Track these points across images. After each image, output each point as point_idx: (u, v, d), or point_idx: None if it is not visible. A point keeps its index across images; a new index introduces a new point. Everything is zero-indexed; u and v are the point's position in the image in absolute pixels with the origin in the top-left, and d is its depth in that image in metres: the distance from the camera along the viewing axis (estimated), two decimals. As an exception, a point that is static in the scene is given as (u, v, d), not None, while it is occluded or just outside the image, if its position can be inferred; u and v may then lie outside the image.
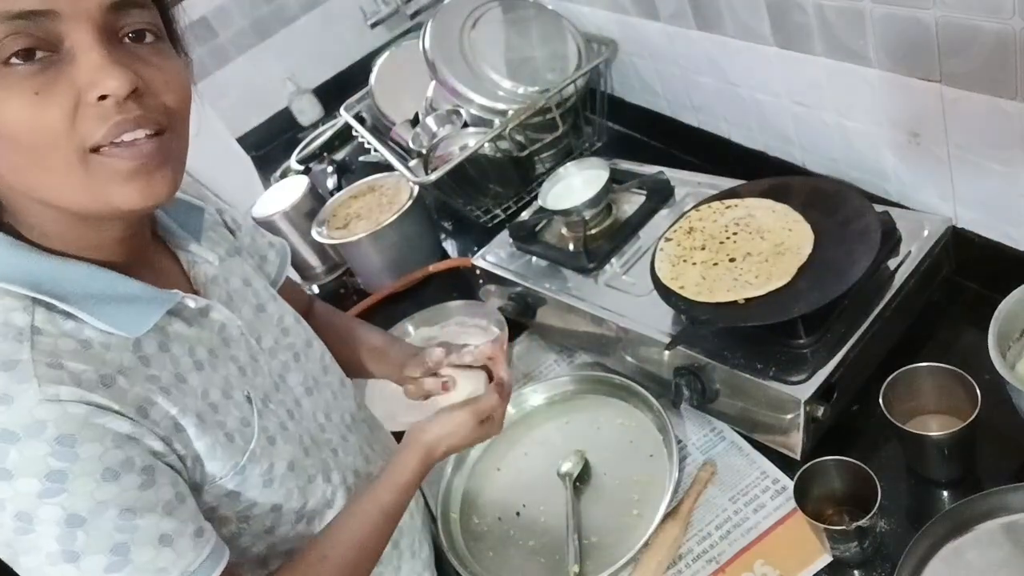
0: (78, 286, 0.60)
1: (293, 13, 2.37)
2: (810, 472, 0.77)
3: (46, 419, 0.54)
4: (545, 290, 1.13)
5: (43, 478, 0.54)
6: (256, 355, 0.75)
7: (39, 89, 0.53)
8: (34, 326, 0.57)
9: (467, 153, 1.34)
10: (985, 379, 0.74)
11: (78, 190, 0.57)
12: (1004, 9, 0.68)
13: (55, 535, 0.55)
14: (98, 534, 0.56)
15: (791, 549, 0.81)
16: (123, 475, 0.57)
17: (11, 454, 0.53)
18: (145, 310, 0.63)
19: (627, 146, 1.51)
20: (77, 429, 0.55)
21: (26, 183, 0.57)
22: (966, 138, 0.83)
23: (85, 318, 0.59)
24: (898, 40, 0.81)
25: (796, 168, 1.13)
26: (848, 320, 0.86)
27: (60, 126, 0.54)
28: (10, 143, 0.54)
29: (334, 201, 1.56)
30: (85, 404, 0.56)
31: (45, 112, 0.53)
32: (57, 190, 0.57)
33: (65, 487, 0.54)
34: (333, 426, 0.82)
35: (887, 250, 0.88)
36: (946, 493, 0.79)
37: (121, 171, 0.57)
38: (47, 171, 0.55)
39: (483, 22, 1.44)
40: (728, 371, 0.88)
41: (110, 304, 0.61)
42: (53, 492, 0.54)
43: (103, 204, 0.58)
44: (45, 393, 0.54)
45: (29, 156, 0.55)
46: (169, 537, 0.59)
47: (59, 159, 0.55)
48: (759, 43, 1.02)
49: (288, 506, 0.72)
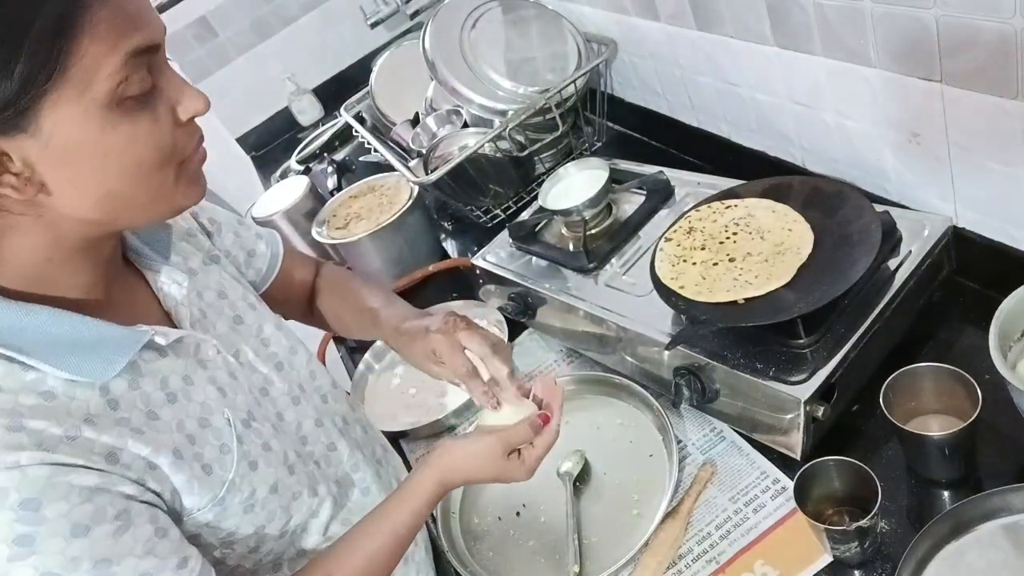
0: (40, 334, 0.59)
1: (293, 13, 2.37)
2: (810, 472, 0.77)
3: (8, 486, 0.54)
4: (545, 290, 1.13)
5: (11, 543, 0.54)
6: (235, 372, 0.74)
7: (155, 118, 0.58)
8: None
9: (467, 153, 1.34)
10: (986, 379, 0.74)
11: (167, 201, 0.62)
12: (1004, 8, 0.68)
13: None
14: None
15: (791, 549, 0.81)
16: (94, 527, 0.57)
17: None
18: (111, 355, 0.62)
19: (627, 146, 1.51)
20: (40, 492, 0.55)
21: (115, 206, 0.59)
22: (966, 138, 0.83)
23: (46, 370, 0.59)
24: (898, 40, 0.81)
25: (796, 168, 1.13)
26: (848, 320, 0.86)
27: (171, 146, 0.60)
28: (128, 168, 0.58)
29: (334, 201, 1.56)
30: (48, 465, 0.56)
31: (162, 136, 0.59)
32: (146, 205, 0.61)
33: (34, 549, 0.55)
34: (323, 432, 0.82)
35: (887, 250, 0.88)
36: (947, 493, 0.79)
37: (194, 173, 0.64)
38: (149, 189, 0.60)
39: (483, 22, 1.44)
40: (728, 371, 0.88)
41: (74, 352, 0.60)
42: (23, 555, 0.54)
43: (177, 208, 0.64)
44: (4, 461, 0.54)
45: (141, 178, 0.59)
46: (150, 575, 0.59)
47: (167, 173, 0.60)
48: (759, 43, 1.02)
49: (271, 525, 0.72)
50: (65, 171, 0.56)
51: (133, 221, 0.63)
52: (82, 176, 0.56)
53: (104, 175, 0.57)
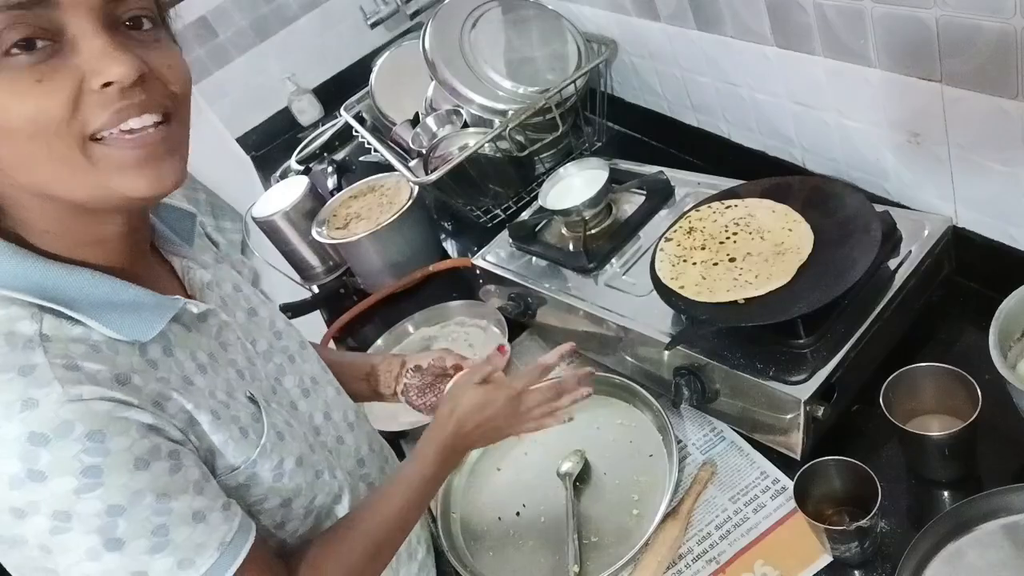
0: (82, 293, 0.60)
1: (293, 13, 2.37)
2: (810, 472, 0.77)
3: (73, 419, 0.55)
4: (545, 290, 1.13)
5: (79, 475, 0.55)
6: (252, 359, 0.75)
7: (41, 77, 0.53)
8: (42, 333, 0.57)
9: (467, 153, 1.34)
10: (986, 379, 0.74)
11: (80, 179, 0.56)
12: (1005, 8, 0.68)
13: (96, 527, 0.56)
14: (138, 520, 0.57)
15: (791, 549, 0.81)
16: (153, 462, 0.58)
17: (43, 456, 0.54)
18: (150, 317, 0.63)
19: (627, 146, 1.51)
20: (104, 424, 0.56)
21: (29, 177, 0.56)
22: (967, 138, 0.83)
23: (92, 324, 0.60)
24: (898, 40, 0.81)
25: (796, 168, 1.13)
26: (848, 320, 0.86)
27: (62, 113, 0.53)
28: (13, 134, 0.53)
29: (334, 201, 1.56)
30: (107, 400, 0.57)
31: (47, 100, 0.53)
32: (60, 181, 0.56)
33: (101, 480, 0.55)
34: (332, 425, 0.83)
35: (887, 250, 0.88)
36: (947, 493, 0.79)
37: (129, 160, 0.57)
38: (50, 161, 0.55)
39: (483, 22, 1.44)
40: (728, 371, 0.88)
41: (115, 311, 0.61)
42: (90, 487, 0.55)
43: (108, 193, 0.57)
44: (68, 394, 0.55)
45: (32, 147, 0.54)
46: (202, 513, 0.61)
47: (61, 147, 0.54)
48: (759, 43, 1.02)
49: (297, 501, 0.73)
50: None
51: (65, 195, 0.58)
52: None
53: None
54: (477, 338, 1.28)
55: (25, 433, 0.53)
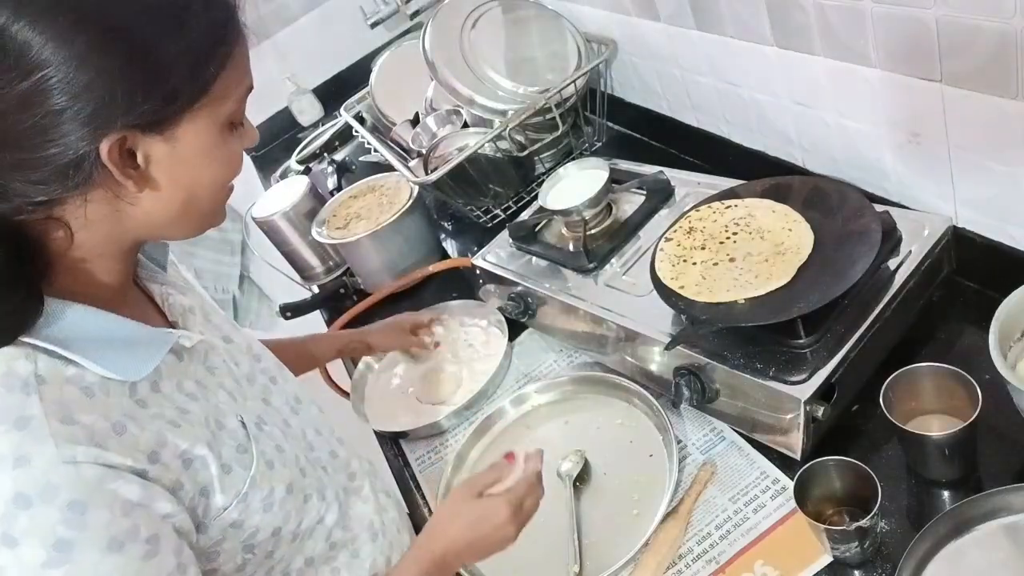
0: (77, 329, 0.60)
1: (293, 13, 2.37)
2: (810, 472, 0.77)
3: (59, 484, 0.54)
4: (545, 290, 1.13)
5: (50, 548, 0.54)
6: (239, 380, 0.75)
7: (239, 143, 0.67)
8: (38, 375, 0.57)
9: (467, 153, 1.34)
10: (985, 379, 0.74)
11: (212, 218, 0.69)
12: (1005, 9, 0.68)
13: None
14: None
15: (791, 549, 0.81)
16: (127, 545, 0.57)
17: (21, 520, 0.53)
18: (144, 353, 0.64)
19: (627, 146, 1.51)
20: (88, 495, 0.55)
21: (187, 213, 0.65)
22: (966, 138, 0.83)
23: (86, 364, 0.59)
24: (898, 40, 0.81)
25: (796, 168, 1.13)
26: (848, 320, 0.86)
27: (236, 171, 0.68)
28: (218, 179, 0.66)
29: (334, 201, 1.56)
30: (100, 465, 0.56)
31: (238, 161, 0.68)
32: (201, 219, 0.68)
33: (71, 557, 0.54)
34: (323, 440, 0.83)
35: (887, 250, 0.88)
36: (947, 493, 0.79)
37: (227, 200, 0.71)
38: (215, 202, 0.68)
39: (483, 22, 1.44)
40: (728, 371, 0.88)
41: (109, 348, 0.61)
42: (58, 562, 0.54)
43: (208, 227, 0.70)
44: (62, 455, 0.55)
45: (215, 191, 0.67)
46: None
47: (224, 195, 0.69)
48: (759, 43, 1.02)
49: (286, 528, 0.73)
50: (175, 171, 0.62)
51: (187, 229, 0.68)
52: (184, 178, 0.63)
53: (199, 181, 0.64)
54: (477, 338, 1.28)
55: (12, 492, 0.53)
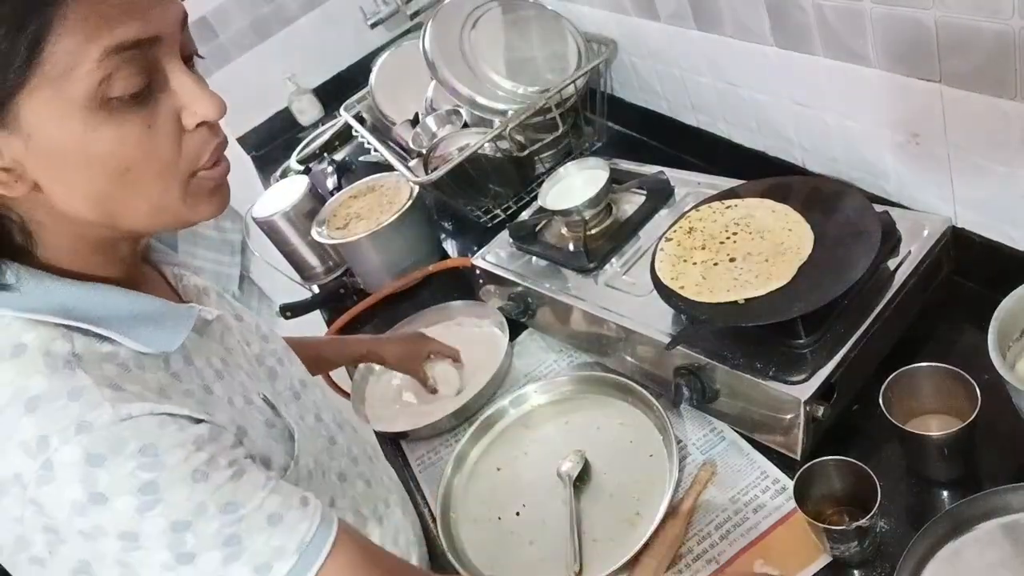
0: (106, 309, 0.59)
1: (293, 13, 2.37)
2: (810, 472, 0.77)
3: (127, 436, 0.54)
4: (545, 290, 1.13)
5: (137, 493, 0.54)
6: (251, 361, 0.76)
7: (150, 123, 0.54)
8: (75, 353, 0.56)
9: (467, 153, 1.34)
10: (985, 379, 0.74)
11: (171, 211, 0.59)
12: (1004, 9, 0.68)
13: (165, 544, 0.55)
14: (206, 532, 0.56)
15: (791, 549, 0.81)
16: (212, 473, 0.57)
17: (102, 477, 0.53)
18: (172, 327, 0.63)
19: (627, 146, 1.51)
20: (156, 439, 0.55)
21: (111, 210, 0.57)
22: (966, 138, 0.83)
23: (120, 340, 0.59)
24: (898, 40, 0.81)
25: (796, 168, 1.13)
26: (848, 320, 0.86)
27: (171, 156, 0.56)
28: (114, 174, 0.55)
29: (334, 201, 1.56)
30: (157, 415, 0.56)
31: (158, 143, 0.55)
32: (147, 214, 0.58)
33: (160, 497, 0.55)
34: (323, 426, 0.83)
35: (887, 250, 0.88)
36: (946, 493, 0.79)
37: (210, 190, 0.60)
38: (145, 196, 0.57)
39: (483, 22, 1.44)
40: (728, 371, 0.88)
41: (139, 324, 0.60)
42: (151, 504, 0.54)
43: (185, 221, 0.60)
44: (119, 413, 0.54)
45: (132, 185, 0.56)
46: (277, 515, 0.59)
47: (169, 183, 0.57)
48: (759, 43, 1.02)
49: None
50: (51, 171, 0.54)
51: (135, 227, 0.60)
52: (69, 177, 0.54)
53: (90, 178, 0.54)
54: (477, 338, 1.28)
55: (82, 455, 0.53)
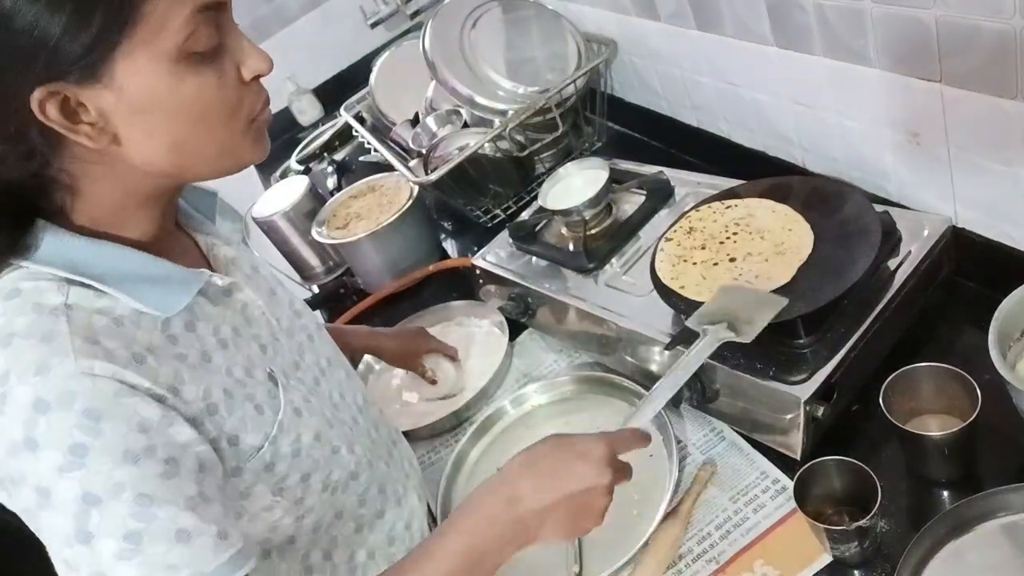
0: (111, 267, 0.62)
1: (293, 13, 2.37)
2: (810, 472, 0.77)
3: (76, 391, 0.55)
4: (545, 290, 1.13)
5: (65, 451, 0.55)
6: (276, 334, 0.77)
7: (220, 75, 0.61)
8: (67, 304, 0.59)
9: (467, 153, 1.34)
10: (985, 379, 0.74)
11: (234, 156, 0.65)
12: (1004, 9, 0.68)
13: (71, 512, 0.55)
14: (112, 517, 0.56)
15: (791, 549, 0.81)
16: (143, 460, 0.57)
17: (40, 424, 0.55)
18: (177, 290, 0.65)
19: (627, 146, 1.51)
20: (104, 405, 0.56)
21: (184, 156, 0.62)
22: (966, 138, 0.83)
23: (119, 296, 0.61)
24: (898, 40, 0.81)
25: (796, 168, 1.13)
26: (848, 320, 0.86)
27: (236, 104, 0.62)
28: (194, 120, 0.61)
29: (334, 201, 1.56)
30: (117, 381, 0.57)
31: (227, 93, 0.61)
32: (214, 158, 0.64)
33: (85, 462, 0.55)
34: (346, 405, 0.84)
35: (887, 250, 0.88)
36: (946, 493, 0.79)
37: (261, 133, 0.67)
38: (215, 142, 0.63)
39: (483, 22, 1.43)
40: (728, 371, 0.88)
41: (143, 284, 0.63)
42: (73, 466, 0.55)
43: (241, 163, 0.66)
44: (80, 366, 0.56)
45: (219, 131, 0.62)
46: (187, 533, 0.58)
47: (234, 128, 0.63)
48: (759, 43, 1.02)
49: (315, 476, 0.74)
50: (137, 121, 0.59)
51: (200, 173, 0.66)
52: (153, 126, 0.59)
53: (173, 126, 0.60)
54: (477, 338, 1.28)
55: (32, 397, 0.55)
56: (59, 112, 0.56)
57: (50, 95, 0.55)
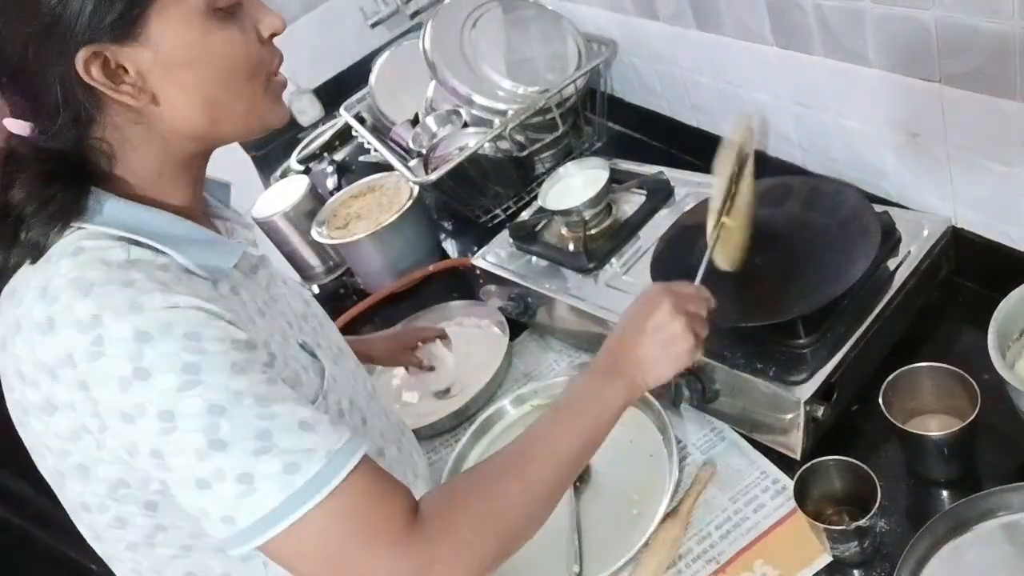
0: (164, 230, 0.65)
1: (293, 13, 2.36)
2: (810, 472, 0.78)
3: (172, 320, 0.58)
4: (545, 290, 1.13)
5: (179, 371, 0.57)
6: (296, 315, 0.80)
7: (242, 31, 0.65)
8: (131, 259, 0.61)
9: (467, 153, 1.34)
10: (985, 379, 0.74)
11: (260, 113, 0.68)
12: (1004, 9, 0.68)
13: (200, 427, 0.57)
14: (240, 421, 0.58)
15: (791, 549, 0.81)
16: (250, 371, 0.60)
17: (147, 354, 0.57)
18: (223, 252, 0.69)
19: (627, 146, 1.51)
20: (201, 328, 0.59)
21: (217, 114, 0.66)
22: (966, 138, 0.83)
23: (175, 256, 0.63)
24: (898, 40, 0.81)
25: (796, 168, 1.14)
26: (848, 320, 0.86)
27: (258, 59, 0.66)
28: (236, 75, 0.65)
29: (334, 201, 1.56)
30: (203, 311, 0.60)
31: (250, 48, 0.65)
32: (243, 116, 0.68)
33: (201, 378, 0.58)
34: (361, 389, 0.85)
35: (887, 250, 0.88)
36: (946, 493, 0.79)
37: (278, 94, 0.70)
38: (243, 99, 0.67)
39: (483, 22, 1.44)
40: (728, 371, 0.88)
41: (194, 246, 0.66)
42: (191, 384, 0.57)
43: (266, 125, 0.70)
44: (167, 300, 0.59)
45: (245, 86, 0.66)
46: (308, 423, 0.61)
47: (257, 85, 0.67)
48: (759, 43, 1.02)
49: None
50: (173, 77, 0.62)
51: (230, 132, 0.69)
52: (187, 81, 0.63)
53: (206, 80, 0.64)
54: (477, 338, 1.28)
55: (132, 332, 0.57)
56: (102, 72, 0.59)
57: (93, 55, 0.59)
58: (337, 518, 0.60)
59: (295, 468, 0.58)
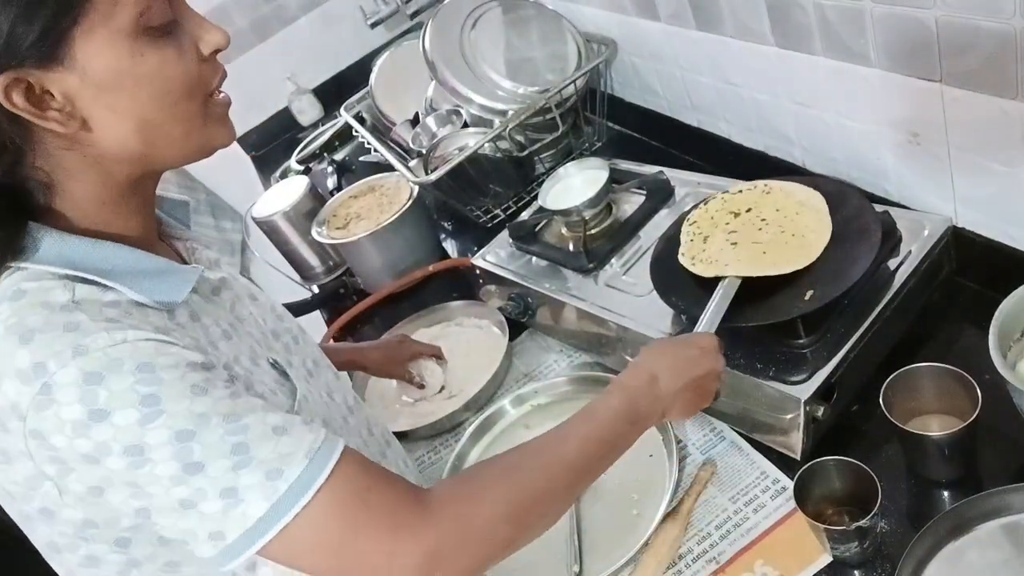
0: (109, 263, 0.62)
1: (293, 13, 2.37)
2: (810, 472, 0.77)
3: (120, 357, 0.56)
4: (545, 290, 1.13)
5: (138, 405, 0.55)
6: (265, 333, 0.77)
7: (178, 50, 0.61)
8: (74, 300, 0.58)
9: (467, 153, 1.34)
10: (985, 379, 0.74)
11: (200, 134, 0.65)
12: (1004, 9, 0.68)
13: (171, 455, 0.56)
14: (211, 440, 0.57)
15: (791, 549, 0.81)
16: (211, 389, 0.58)
17: (100, 393, 0.55)
18: (176, 282, 0.66)
19: (627, 146, 1.51)
20: (152, 357, 0.57)
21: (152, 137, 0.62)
22: (966, 138, 0.83)
23: (123, 291, 0.61)
24: (898, 40, 0.81)
25: (796, 168, 1.13)
26: (848, 320, 0.86)
27: (196, 79, 0.63)
28: (171, 95, 0.61)
29: (334, 201, 1.56)
30: (152, 340, 0.58)
31: (187, 67, 0.62)
32: (180, 139, 0.64)
33: (162, 408, 0.56)
34: (335, 406, 0.84)
35: (887, 250, 0.88)
36: (946, 493, 0.79)
37: (221, 114, 0.67)
38: (183, 120, 0.63)
39: (483, 22, 1.44)
40: (728, 371, 0.88)
41: (143, 278, 0.63)
42: (152, 416, 0.56)
43: (209, 147, 0.66)
44: (113, 338, 0.56)
45: (181, 106, 0.62)
46: (281, 427, 0.60)
47: (194, 106, 0.63)
48: (759, 43, 1.02)
49: None
50: (104, 100, 0.59)
51: (169, 157, 0.66)
52: (118, 104, 0.59)
53: (138, 102, 0.60)
54: (477, 338, 1.28)
55: (80, 375, 0.54)
56: (24, 99, 0.56)
57: (15, 81, 0.55)
58: (330, 513, 0.59)
59: (277, 474, 0.58)
